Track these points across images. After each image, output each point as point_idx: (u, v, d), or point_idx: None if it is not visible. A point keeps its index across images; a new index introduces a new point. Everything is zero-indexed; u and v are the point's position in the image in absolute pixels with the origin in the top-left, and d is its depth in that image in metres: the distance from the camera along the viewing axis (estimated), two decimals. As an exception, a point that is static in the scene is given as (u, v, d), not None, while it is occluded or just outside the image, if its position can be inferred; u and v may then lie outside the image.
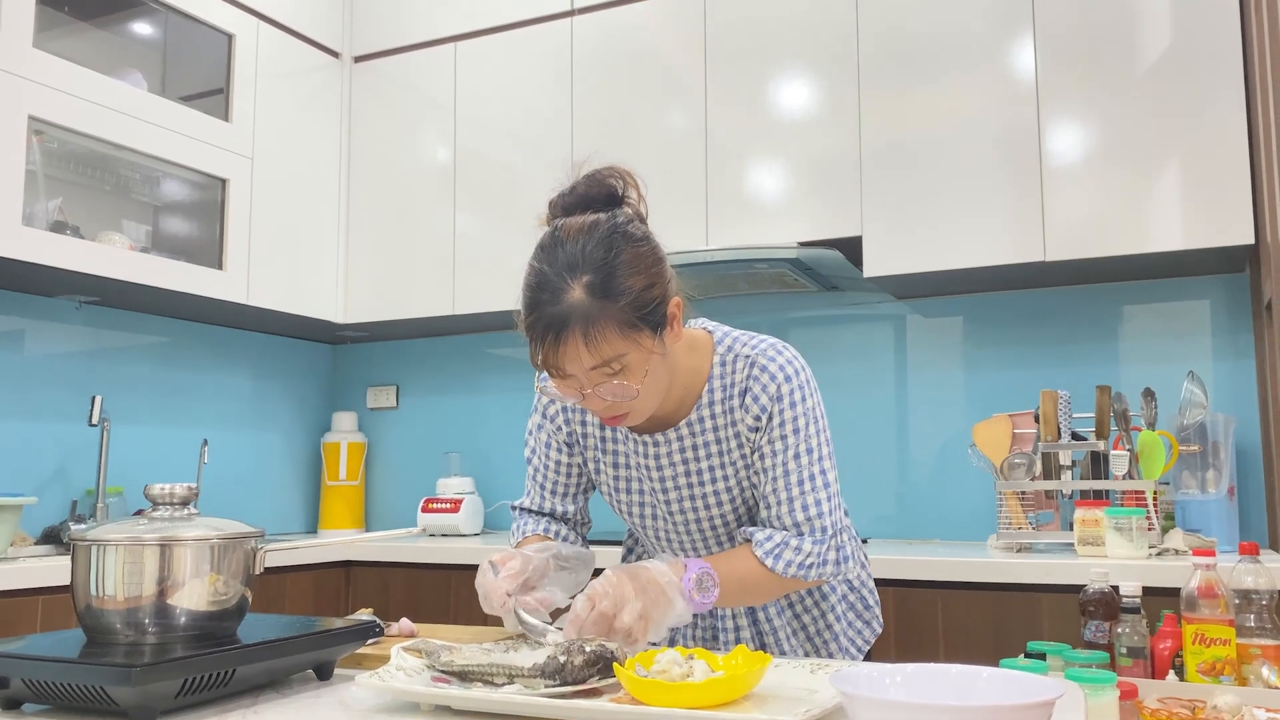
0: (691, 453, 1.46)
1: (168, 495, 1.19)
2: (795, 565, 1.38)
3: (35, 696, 1.05)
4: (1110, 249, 2.48)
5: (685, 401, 1.45)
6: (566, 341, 1.25)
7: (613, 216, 1.31)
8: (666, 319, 1.32)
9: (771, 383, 1.41)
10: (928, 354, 2.99)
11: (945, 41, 2.68)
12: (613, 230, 1.29)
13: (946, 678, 0.96)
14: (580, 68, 3.14)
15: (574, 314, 1.25)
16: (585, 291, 1.25)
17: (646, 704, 1.00)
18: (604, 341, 1.25)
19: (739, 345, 1.45)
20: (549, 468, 1.59)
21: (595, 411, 1.35)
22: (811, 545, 1.39)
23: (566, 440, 1.57)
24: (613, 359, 1.27)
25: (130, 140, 2.74)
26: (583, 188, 1.35)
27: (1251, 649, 1.77)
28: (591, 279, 1.26)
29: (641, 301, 1.28)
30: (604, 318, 1.25)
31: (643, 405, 1.34)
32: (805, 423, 1.42)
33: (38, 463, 2.82)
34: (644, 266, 1.29)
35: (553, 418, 1.56)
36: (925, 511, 2.93)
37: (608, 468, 1.54)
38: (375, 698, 1.13)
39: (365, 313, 3.40)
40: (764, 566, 1.38)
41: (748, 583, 1.39)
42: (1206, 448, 2.43)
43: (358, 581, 3.00)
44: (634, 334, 1.28)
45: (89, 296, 2.91)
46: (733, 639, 1.57)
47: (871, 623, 1.64)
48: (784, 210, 2.83)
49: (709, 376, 1.44)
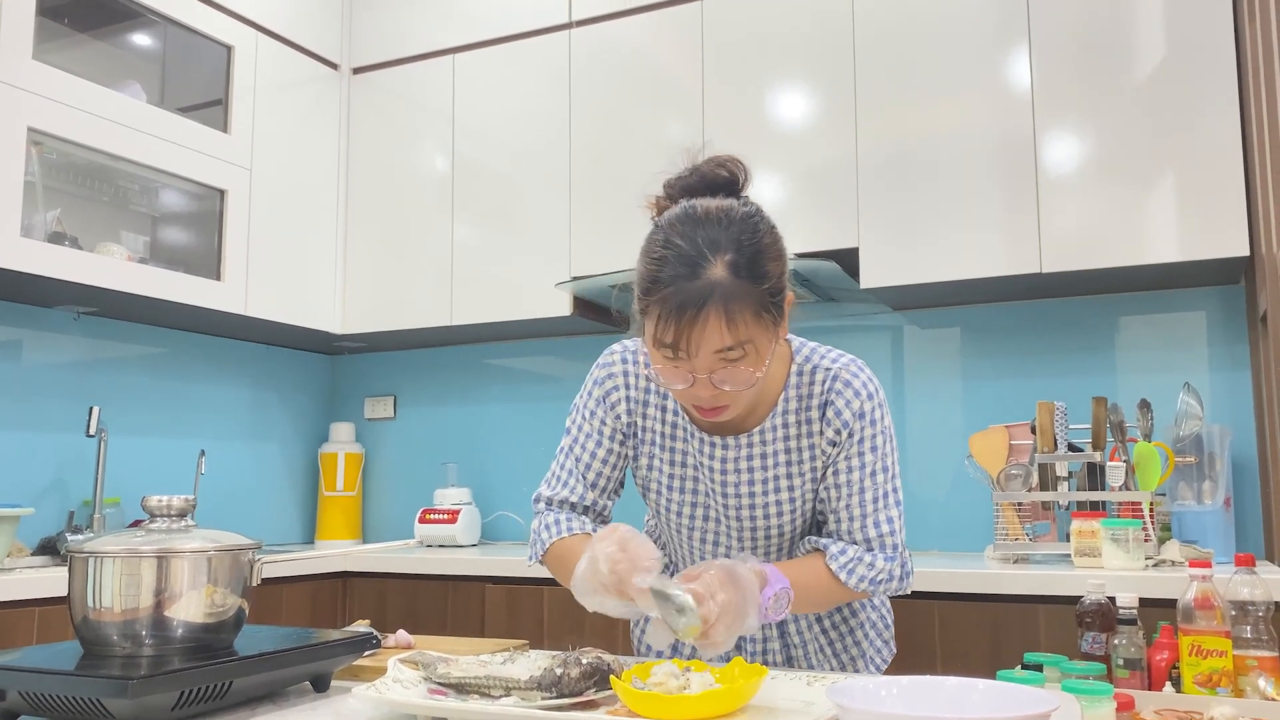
0: (760, 460, 1.44)
1: (165, 507, 1.19)
2: (868, 581, 1.40)
3: (32, 709, 1.05)
4: (1106, 261, 2.49)
5: (758, 408, 1.43)
6: (707, 319, 1.21)
7: (747, 202, 1.33)
8: (784, 312, 1.32)
9: (856, 399, 1.41)
10: (924, 365, 2.99)
11: (942, 53, 2.70)
12: (752, 214, 1.30)
13: (942, 690, 0.96)
14: (579, 79, 3.15)
15: (717, 291, 1.21)
16: (729, 270, 1.23)
17: (643, 716, 1.00)
18: (742, 323, 1.23)
19: (817, 357, 1.45)
20: (597, 458, 1.50)
21: (699, 401, 1.30)
22: (884, 562, 1.41)
23: (625, 431, 1.50)
24: (745, 341, 1.24)
25: (129, 151, 2.75)
26: (705, 169, 1.36)
27: (1248, 660, 1.77)
28: (735, 258, 1.24)
29: (777, 288, 1.28)
30: (745, 298, 1.23)
31: (746, 397, 1.32)
32: (883, 441, 1.43)
33: (35, 473, 2.82)
34: (778, 254, 1.30)
35: (614, 405, 1.49)
36: (922, 522, 2.92)
37: (664, 464, 1.49)
38: (372, 709, 1.13)
39: (363, 323, 3.41)
40: (835, 580, 1.39)
41: (814, 594, 1.39)
42: (1203, 459, 2.44)
43: (355, 593, 2.99)
44: (767, 320, 1.26)
45: (87, 307, 2.91)
46: (760, 649, 1.56)
47: (890, 642, 1.64)
48: (781, 221, 2.77)
49: (785, 385, 1.43)
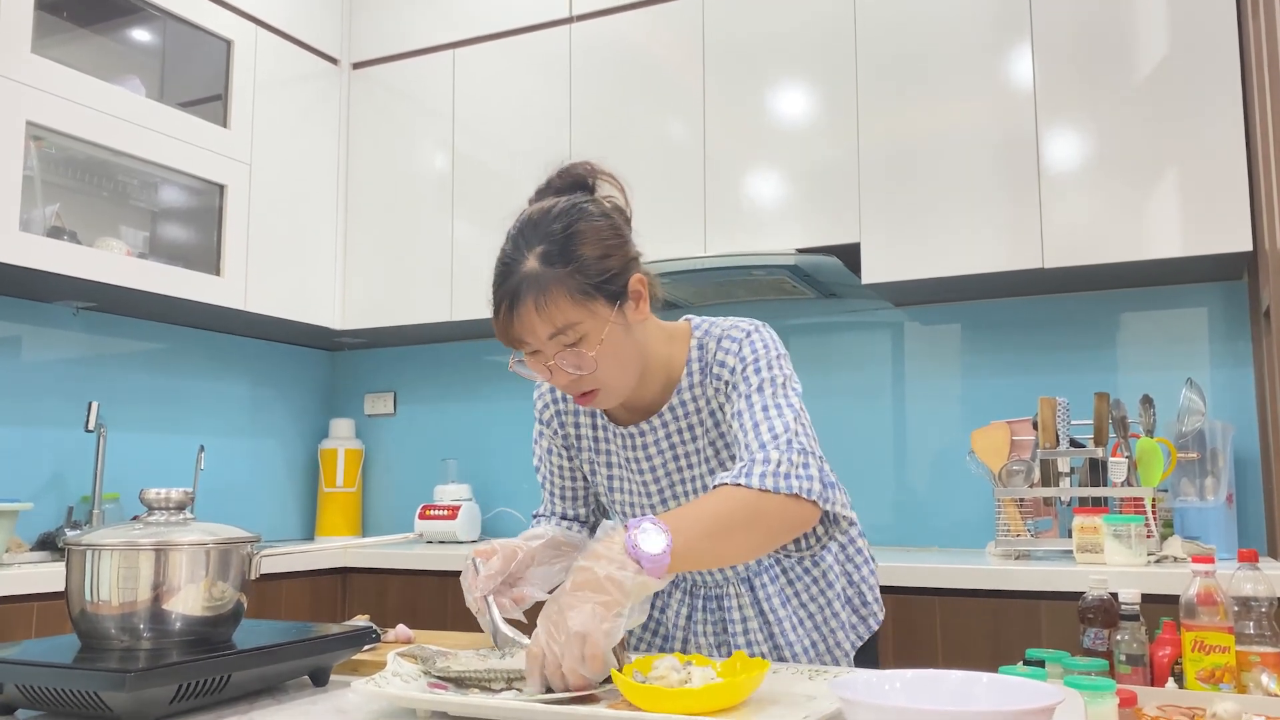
0: (677, 437, 1.46)
1: (163, 500, 1.19)
2: (769, 475, 1.25)
3: (29, 702, 1.04)
4: (1108, 256, 2.48)
5: (666, 390, 1.46)
6: (520, 309, 1.28)
7: (573, 199, 1.36)
8: (627, 292, 1.34)
9: (733, 343, 1.42)
10: (926, 361, 2.99)
11: (944, 49, 2.69)
12: (570, 207, 1.34)
13: (946, 684, 0.96)
14: (579, 75, 3.14)
15: (526, 282, 1.28)
16: (538, 260, 1.29)
17: (644, 710, 0.99)
18: (554, 308, 1.28)
19: (712, 328, 1.47)
20: (554, 473, 1.59)
21: (564, 388, 1.36)
22: (779, 454, 1.27)
23: (564, 444, 1.57)
24: (566, 327, 1.29)
25: (128, 146, 2.74)
26: (556, 181, 1.41)
27: (1251, 656, 1.76)
28: (545, 249, 1.30)
29: (595, 270, 1.30)
30: (554, 284, 1.28)
31: (609, 381, 1.35)
32: (767, 363, 1.39)
33: (34, 468, 2.81)
34: (598, 238, 1.32)
35: (548, 422, 1.57)
36: (924, 519, 2.92)
37: (601, 468, 1.54)
38: (371, 704, 1.12)
39: (363, 319, 3.40)
40: (736, 488, 1.25)
41: (720, 517, 1.23)
42: (1205, 455, 2.43)
43: (355, 588, 2.99)
44: (587, 301, 1.30)
45: (86, 302, 2.90)
46: (740, 629, 1.55)
47: (868, 619, 1.63)
48: (782, 217, 2.83)
49: (686, 361, 1.46)
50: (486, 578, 1.32)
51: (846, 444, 2.99)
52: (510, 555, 1.36)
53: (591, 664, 1.05)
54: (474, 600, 1.32)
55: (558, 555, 1.45)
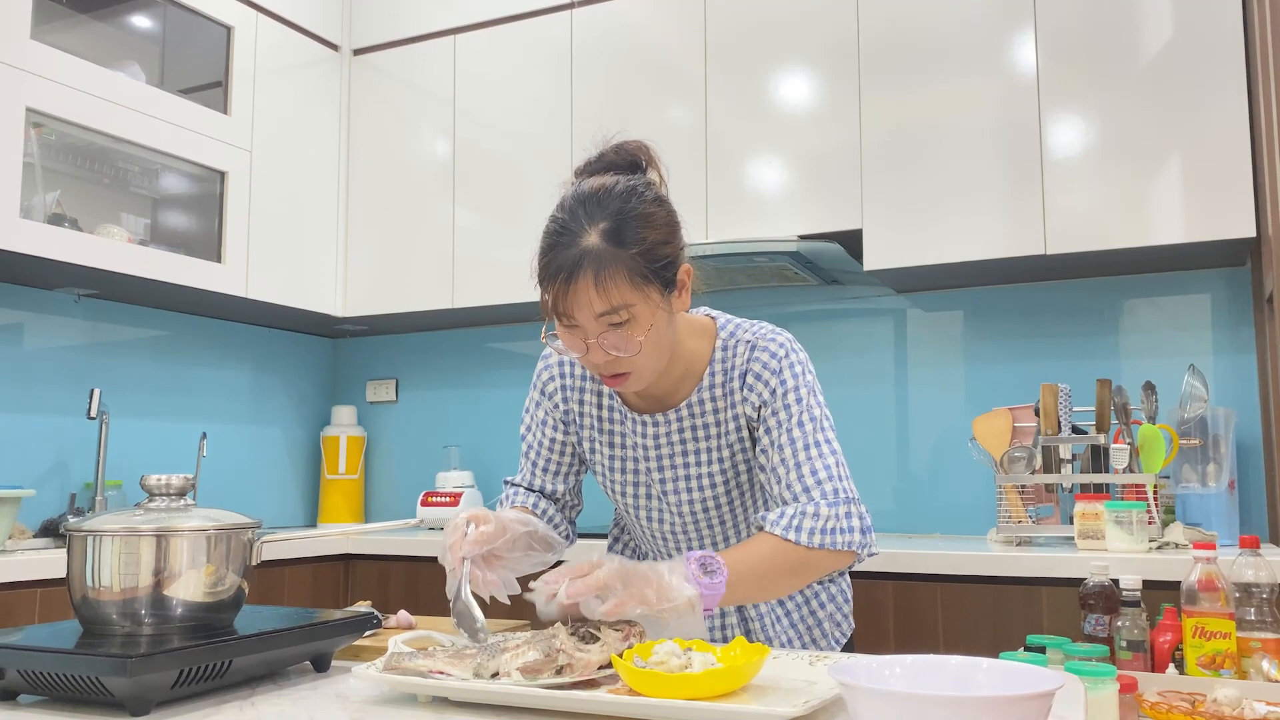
0: (690, 433, 1.47)
1: (164, 486, 1.19)
2: (818, 532, 1.32)
3: (31, 687, 1.04)
4: (1111, 242, 2.47)
5: (686, 383, 1.46)
6: (578, 283, 1.27)
7: (631, 179, 1.35)
8: (676, 282, 1.35)
9: (772, 359, 1.43)
10: (928, 347, 2.98)
11: (946, 35, 2.67)
12: (632, 188, 1.33)
13: (946, 669, 0.96)
14: (580, 61, 3.13)
15: (588, 257, 1.27)
16: (600, 237, 1.28)
17: (645, 695, 0.99)
18: (614, 287, 1.27)
19: (740, 331, 1.48)
20: (543, 445, 1.59)
21: (596, 367, 1.35)
22: (827, 509, 1.34)
23: (563, 419, 1.57)
24: (621, 307, 1.28)
25: (129, 133, 2.74)
26: (610, 155, 1.40)
27: (1252, 642, 1.77)
28: (608, 225, 1.29)
29: (654, 255, 1.30)
30: (616, 263, 1.27)
31: (644, 366, 1.34)
32: (806, 393, 1.43)
33: (36, 456, 2.82)
34: (658, 224, 1.33)
35: (550, 394, 1.57)
36: (925, 505, 2.92)
37: (603, 447, 1.54)
38: (372, 689, 1.13)
39: (364, 306, 3.40)
40: (786, 543, 1.32)
41: (772, 564, 1.32)
42: (1207, 441, 2.43)
43: (357, 575, 2.99)
44: (643, 285, 1.30)
45: (87, 289, 2.90)
46: (719, 623, 1.56)
47: (849, 617, 1.64)
48: (784, 204, 2.82)
49: (710, 360, 1.46)
50: (474, 542, 1.31)
51: (849, 431, 2.97)
52: (501, 531, 1.35)
53: (626, 603, 1.14)
54: (452, 559, 1.31)
55: (535, 549, 1.43)
